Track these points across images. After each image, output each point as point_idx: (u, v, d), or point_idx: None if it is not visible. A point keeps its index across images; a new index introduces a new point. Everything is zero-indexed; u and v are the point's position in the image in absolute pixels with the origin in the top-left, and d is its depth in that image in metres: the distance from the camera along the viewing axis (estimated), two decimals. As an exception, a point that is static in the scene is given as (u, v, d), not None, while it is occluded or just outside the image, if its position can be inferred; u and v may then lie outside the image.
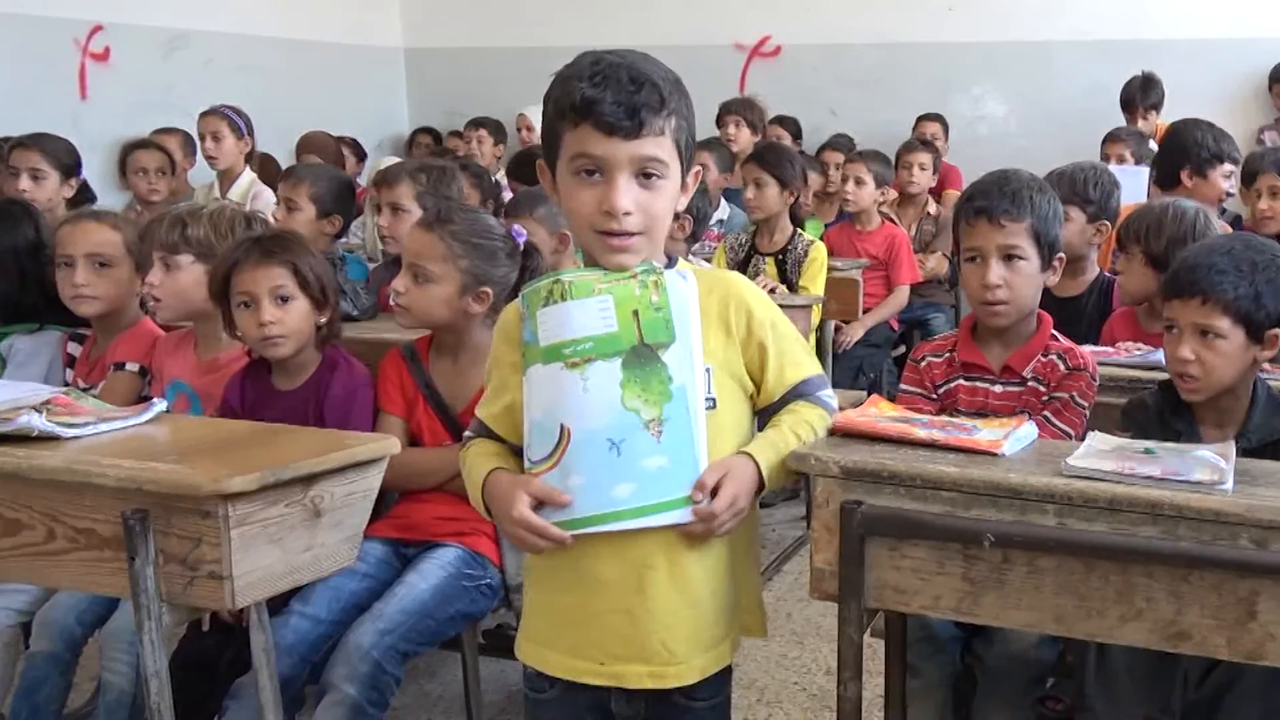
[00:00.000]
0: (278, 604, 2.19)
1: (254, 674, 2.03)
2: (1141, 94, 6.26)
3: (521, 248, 2.56)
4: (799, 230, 4.61)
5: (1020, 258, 2.23)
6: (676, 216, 3.61)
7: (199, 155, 5.69)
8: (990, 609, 1.69)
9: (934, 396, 2.32)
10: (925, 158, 5.74)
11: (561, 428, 1.63)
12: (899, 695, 2.09)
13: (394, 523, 2.51)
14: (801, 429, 1.75)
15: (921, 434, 1.78)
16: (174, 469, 1.83)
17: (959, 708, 2.23)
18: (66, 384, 2.81)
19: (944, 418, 1.99)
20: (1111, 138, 5.63)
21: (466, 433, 1.84)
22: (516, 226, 2.66)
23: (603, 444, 1.61)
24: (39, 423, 1.97)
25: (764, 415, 1.79)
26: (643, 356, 1.62)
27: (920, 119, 6.61)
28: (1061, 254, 2.31)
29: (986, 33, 6.95)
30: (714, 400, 1.68)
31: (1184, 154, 4.05)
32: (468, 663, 2.58)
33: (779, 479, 1.72)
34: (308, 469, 1.91)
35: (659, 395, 1.62)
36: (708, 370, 1.67)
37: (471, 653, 2.57)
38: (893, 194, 5.62)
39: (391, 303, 2.55)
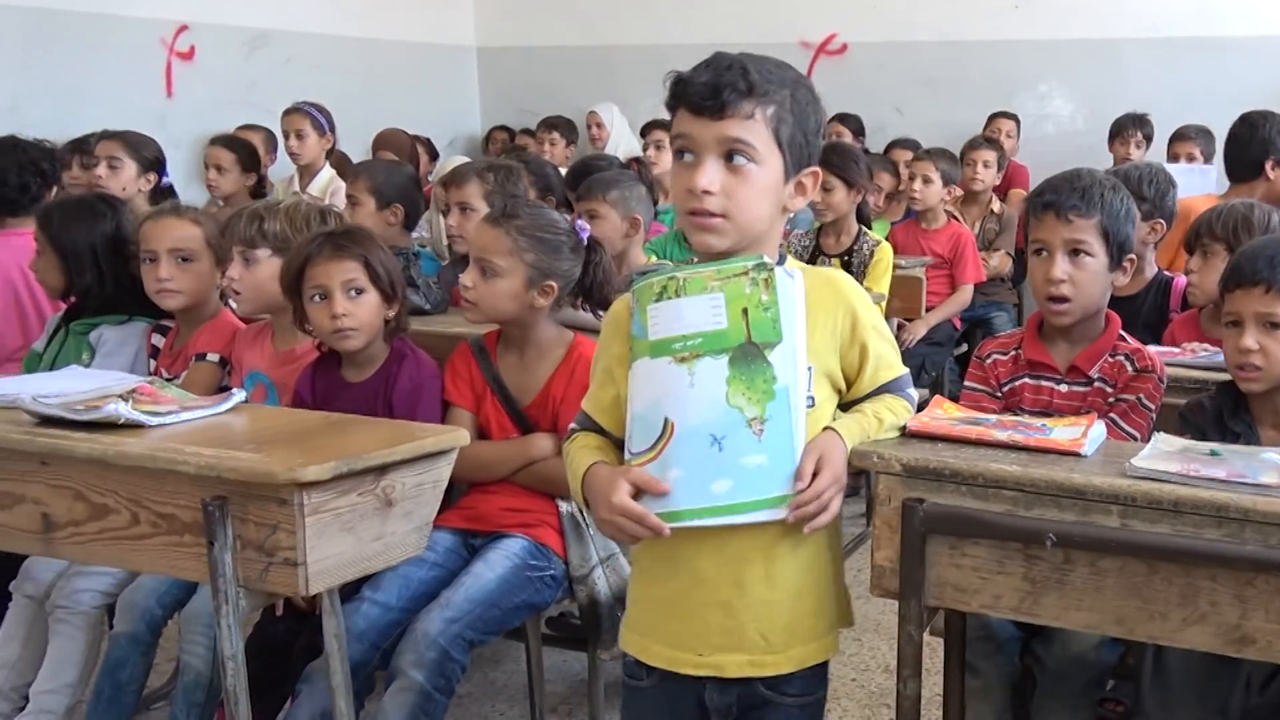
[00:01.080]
0: (348, 591, 2.21)
1: (326, 659, 2.05)
2: (1135, 122, 6.15)
3: (585, 242, 2.57)
4: (865, 230, 4.57)
5: (1087, 254, 2.19)
6: None
7: (279, 151, 5.77)
8: (1051, 609, 1.66)
9: (998, 394, 2.28)
10: (990, 155, 5.67)
11: (665, 421, 1.63)
12: (958, 694, 2.06)
13: (462, 513, 2.53)
14: (885, 414, 1.76)
15: (1000, 435, 1.75)
16: (252, 458, 1.85)
17: (1017, 708, 2.19)
18: (150, 374, 2.85)
19: (1012, 417, 1.95)
20: (1179, 136, 5.53)
21: (571, 425, 1.85)
22: (580, 221, 2.67)
23: (705, 439, 1.61)
24: (125, 411, 2.00)
25: (845, 408, 1.78)
26: (749, 355, 1.62)
27: (993, 116, 6.51)
28: (1133, 255, 2.26)
29: (1052, 30, 6.83)
30: (813, 399, 1.68)
31: (1267, 145, 3.95)
32: (531, 652, 2.59)
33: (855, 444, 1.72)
34: (380, 459, 1.92)
35: (763, 394, 1.62)
36: (809, 369, 1.67)
37: (535, 642, 2.58)
38: (958, 192, 5.56)
39: (460, 297, 2.57)
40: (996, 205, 5.77)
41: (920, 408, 1.89)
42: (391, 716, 2.19)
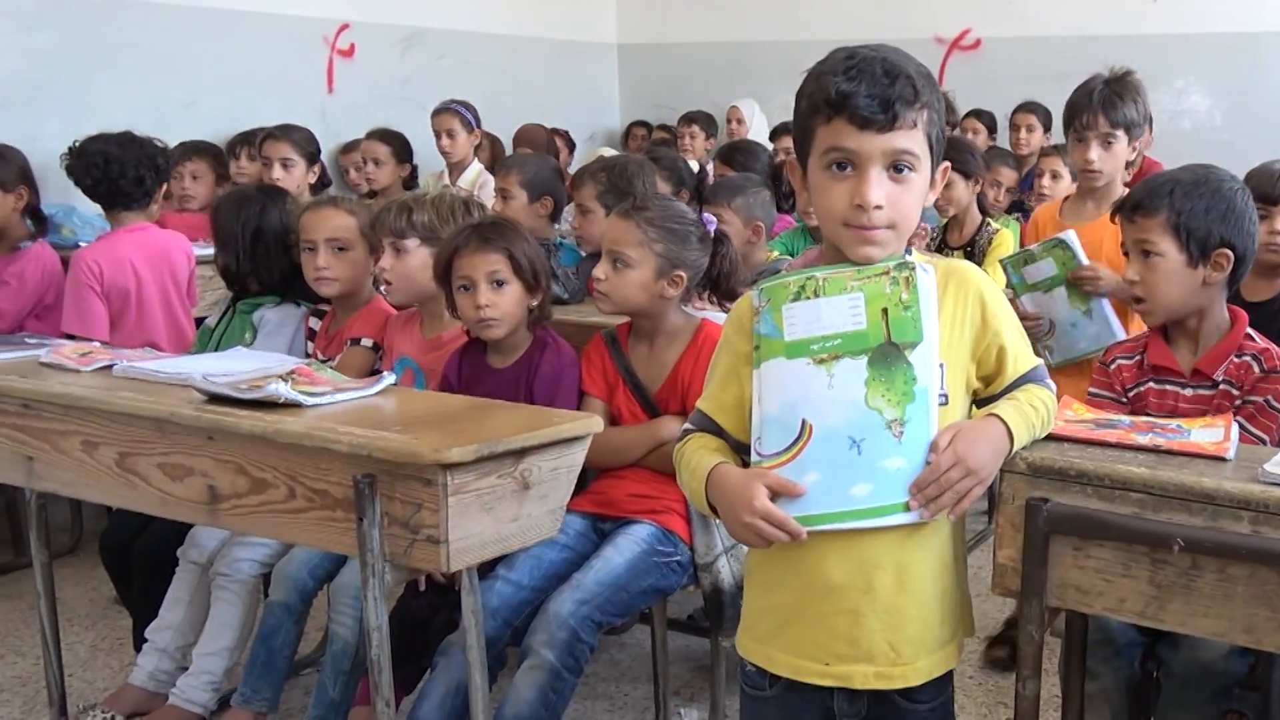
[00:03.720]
0: (484, 569, 2.23)
1: (463, 633, 2.07)
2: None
3: (713, 234, 2.56)
4: (987, 220, 4.47)
5: (1155, 254, 2.10)
6: None
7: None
8: (1176, 615, 1.59)
9: (1124, 400, 2.20)
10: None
11: (803, 423, 1.55)
12: (1077, 697, 1.99)
13: (593, 498, 2.53)
14: (1036, 402, 1.65)
15: (1142, 440, 1.68)
16: (400, 438, 1.87)
17: (1136, 714, 2.11)
18: (308, 356, 2.92)
19: (1147, 419, 1.88)
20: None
21: (686, 425, 1.74)
22: (706, 214, 2.66)
23: (844, 442, 1.54)
24: (285, 391, 2.04)
25: (984, 405, 1.67)
26: (889, 356, 1.55)
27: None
28: (1226, 250, 2.11)
29: (1189, 24, 6.56)
30: (946, 396, 1.59)
31: None
32: (657, 635, 2.58)
33: (1027, 437, 1.63)
34: (519, 443, 1.94)
35: (903, 395, 1.54)
36: (941, 366, 1.58)
37: (661, 626, 2.57)
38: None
39: (593, 289, 2.57)
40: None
41: (1047, 407, 1.83)
42: (523, 694, 2.19)
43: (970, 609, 1.74)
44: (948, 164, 1.66)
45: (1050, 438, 1.71)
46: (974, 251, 4.38)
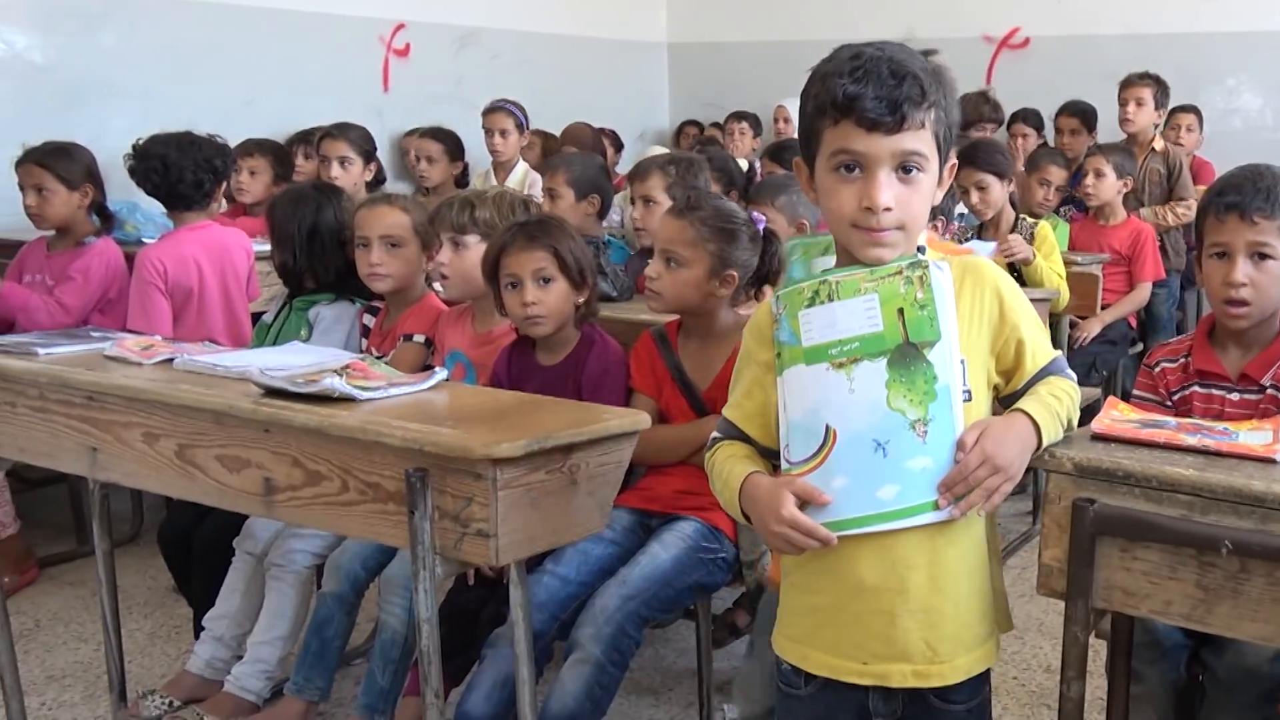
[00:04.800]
0: (532, 564, 2.24)
1: (510, 626, 2.07)
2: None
3: (762, 233, 2.55)
4: (1023, 216, 4.43)
5: (1271, 257, 2.03)
6: (934, 216, 3.52)
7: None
8: (1223, 619, 1.56)
9: (1168, 404, 2.15)
10: (1145, 92, 5.58)
11: (827, 429, 1.54)
12: (1122, 699, 1.95)
13: (640, 494, 2.53)
14: (1059, 393, 1.62)
15: (1190, 440, 1.64)
16: (451, 433, 1.88)
17: (1181, 717, 2.07)
18: (362, 351, 2.94)
19: (1194, 421, 1.85)
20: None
21: (714, 434, 1.71)
22: (756, 213, 2.65)
23: (868, 445, 1.52)
24: (339, 385, 2.06)
25: (1008, 402, 1.65)
26: (908, 356, 1.52)
27: (1174, 110, 6.19)
28: None
29: (1241, 22, 6.43)
30: (969, 393, 1.56)
31: None
32: (701, 631, 2.58)
33: (1057, 434, 1.60)
34: (568, 439, 1.93)
35: (924, 395, 1.52)
36: (961, 363, 1.56)
37: (705, 621, 2.56)
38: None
39: (646, 288, 2.57)
40: (1159, 144, 5.54)
41: (1092, 408, 1.80)
42: (569, 687, 2.20)
43: (1006, 605, 1.72)
44: (954, 163, 1.63)
45: (1096, 437, 1.69)
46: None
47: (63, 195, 3.73)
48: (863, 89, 1.48)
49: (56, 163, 3.72)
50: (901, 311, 1.53)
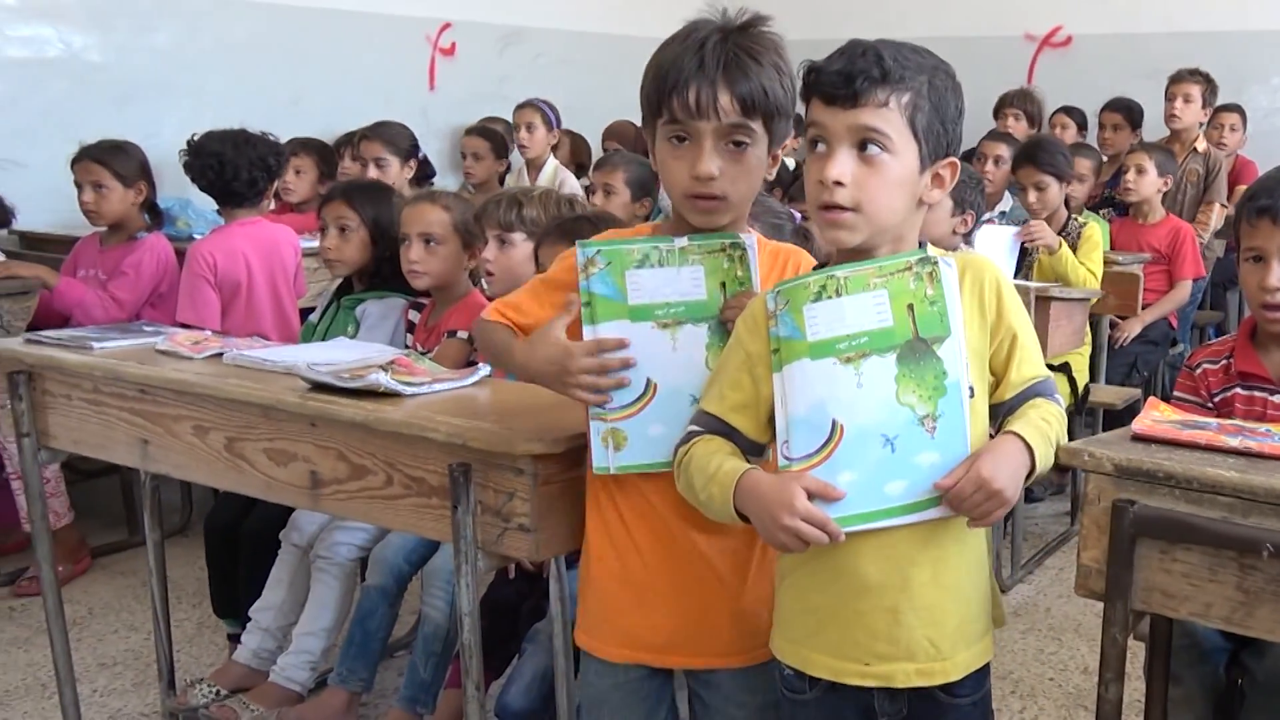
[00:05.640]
0: (571, 558, 2.22)
1: (550, 620, 2.08)
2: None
3: (798, 228, 2.55)
4: (1073, 216, 4.39)
5: None
6: (961, 210, 3.47)
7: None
8: (1265, 622, 1.53)
9: (1209, 406, 2.11)
10: (1193, 89, 5.54)
11: (834, 423, 1.51)
12: (1160, 702, 1.93)
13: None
14: (1051, 418, 1.56)
15: (1232, 442, 1.62)
16: (493, 429, 1.88)
17: (1220, 720, 2.05)
18: (407, 347, 2.95)
19: (1235, 423, 1.82)
20: None
21: (690, 428, 1.62)
22: (793, 209, 2.65)
23: (877, 440, 1.51)
24: (385, 380, 2.06)
25: (993, 413, 1.61)
26: (918, 351, 1.51)
27: (1218, 110, 6.10)
28: None
29: (1290, 19, 6.36)
30: (972, 389, 1.54)
31: None
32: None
33: (1044, 463, 1.54)
34: (605, 436, 1.94)
35: (934, 390, 1.51)
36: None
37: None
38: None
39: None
40: (1201, 145, 5.45)
41: (1132, 408, 1.78)
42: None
43: (1000, 600, 1.70)
44: (955, 161, 1.59)
45: (1136, 438, 1.66)
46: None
47: (119, 192, 3.79)
48: (829, 64, 1.51)
49: (113, 160, 3.78)
50: (911, 307, 1.52)
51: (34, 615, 3.43)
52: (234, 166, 3.64)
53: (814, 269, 1.66)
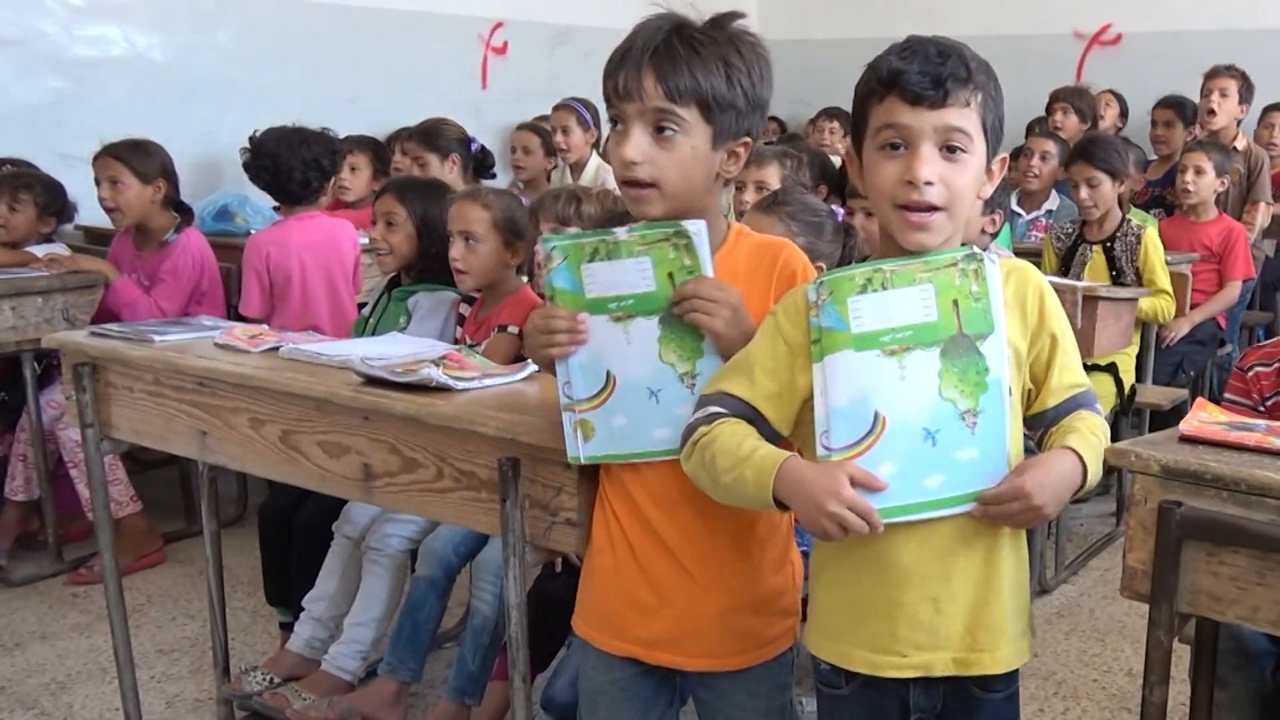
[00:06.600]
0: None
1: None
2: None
3: (841, 226, 2.54)
4: (1127, 218, 4.32)
5: None
6: (990, 209, 3.45)
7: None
8: (1313, 627, 1.52)
9: (1261, 409, 2.07)
10: (1230, 84, 5.49)
11: (876, 415, 1.51)
12: (1205, 706, 1.89)
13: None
14: (1099, 431, 1.55)
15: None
16: (542, 424, 1.88)
17: (1267, 725, 2.01)
18: (456, 341, 2.96)
19: None
20: None
21: (711, 410, 1.58)
22: (835, 206, 2.64)
23: (918, 433, 1.50)
24: (437, 375, 2.07)
25: (1035, 422, 1.60)
26: (961, 347, 1.50)
27: (1267, 109, 5.98)
28: None
29: (1348, 15, 6.23)
30: (1011, 388, 1.53)
31: None
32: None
33: (1094, 479, 1.52)
34: (654, 431, 1.94)
35: (975, 386, 1.50)
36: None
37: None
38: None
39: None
40: (1241, 142, 5.35)
41: (1179, 409, 1.75)
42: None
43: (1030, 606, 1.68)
44: (1005, 157, 1.60)
45: (1184, 439, 1.64)
46: (1115, 247, 4.25)
47: (135, 188, 3.82)
48: (908, 64, 1.49)
49: (131, 156, 3.82)
50: (956, 303, 1.51)
51: (95, 602, 3.49)
52: (289, 166, 3.68)
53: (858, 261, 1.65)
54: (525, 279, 3.02)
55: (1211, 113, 5.51)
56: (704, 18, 1.68)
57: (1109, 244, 4.26)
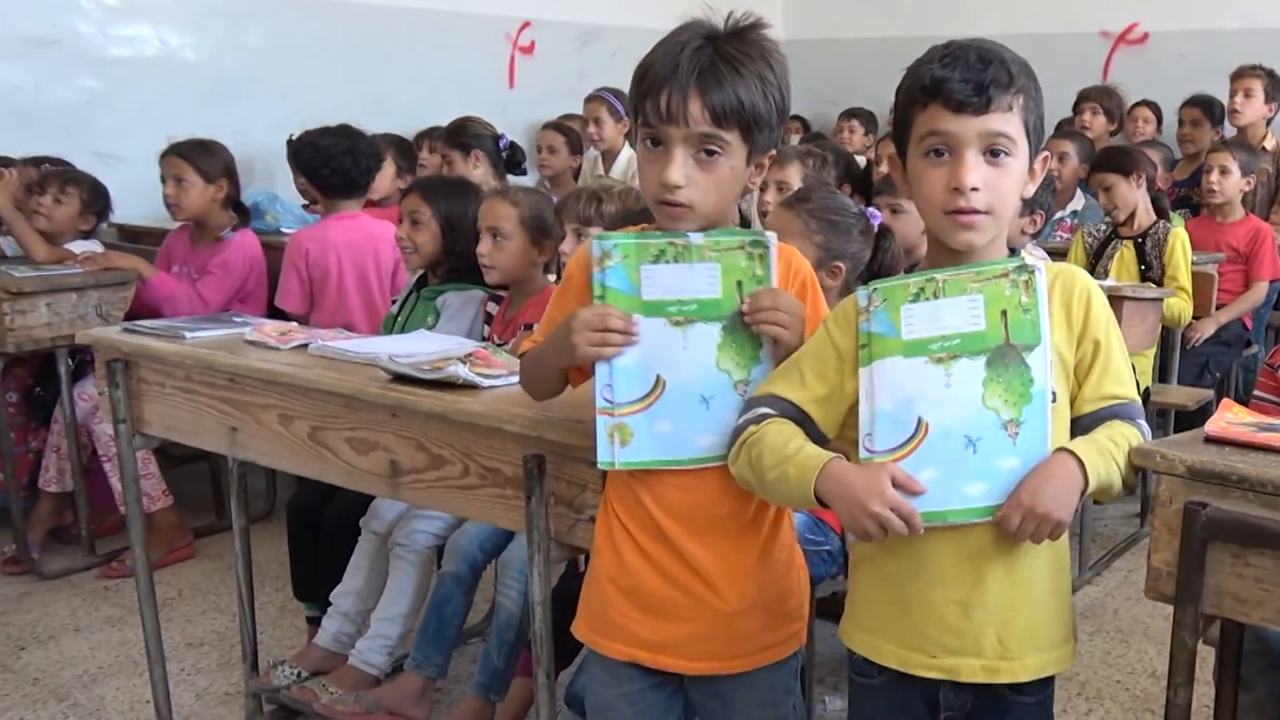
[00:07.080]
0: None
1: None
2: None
3: (875, 228, 2.51)
4: (1159, 221, 4.29)
5: None
6: (1031, 210, 3.41)
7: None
8: (1339, 629, 1.51)
9: None
10: (1255, 83, 5.37)
11: (919, 420, 1.52)
12: (1230, 708, 1.87)
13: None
14: (1120, 441, 1.53)
15: None
16: (566, 421, 1.89)
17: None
18: (484, 339, 2.97)
19: None
20: None
21: (760, 410, 1.60)
22: (871, 208, 2.61)
23: (960, 440, 1.50)
24: (463, 372, 2.08)
25: (1071, 430, 1.58)
26: (1007, 357, 1.50)
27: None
28: None
29: (1379, 13, 6.15)
30: (1054, 394, 1.53)
31: None
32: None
33: (1104, 478, 1.49)
34: (679, 429, 1.94)
35: (1019, 397, 1.50)
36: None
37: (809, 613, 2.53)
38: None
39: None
40: (1270, 142, 5.30)
41: (1205, 410, 1.73)
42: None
43: (1073, 612, 1.66)
44: (1047, 154, 1.60)
45: (1209, 440, 1.62)
46: (1145, 243, 4.23)
47: (199, 187, 3.88)
48: (950, 71, 1.49)
49: (197, 156, 3.89)
50: (1005, 313, 1.51)
51: (127, 595, 3.52)
52: (340, 162, 3.73)
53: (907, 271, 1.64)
54: (552, 278, 3.02)
55: (1235, 112, 5.46)
56: (722, 16, 1.66)
57: (1140, 240, 4.23)
